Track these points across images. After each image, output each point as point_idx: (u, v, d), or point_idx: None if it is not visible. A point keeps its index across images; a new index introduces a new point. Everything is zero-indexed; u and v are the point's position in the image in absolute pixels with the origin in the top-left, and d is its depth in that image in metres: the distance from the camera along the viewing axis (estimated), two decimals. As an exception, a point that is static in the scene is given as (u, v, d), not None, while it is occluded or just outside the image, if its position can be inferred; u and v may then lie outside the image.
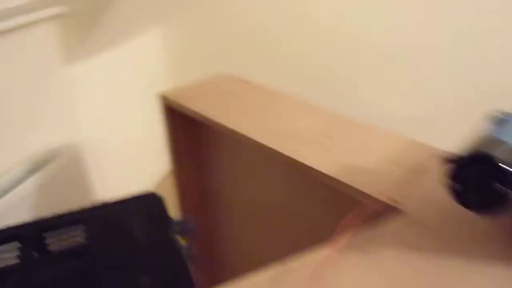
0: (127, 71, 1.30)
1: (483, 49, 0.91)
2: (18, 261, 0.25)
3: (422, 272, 0.39)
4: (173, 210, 0.53)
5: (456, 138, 0.39)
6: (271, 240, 0.80)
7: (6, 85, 0.84)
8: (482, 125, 0.39)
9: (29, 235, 0.27)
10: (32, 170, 0.88)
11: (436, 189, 0.46)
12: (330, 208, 0.61)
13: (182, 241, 0.30)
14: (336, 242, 0.40)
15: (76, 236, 0.25)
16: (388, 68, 1.02)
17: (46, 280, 0.23)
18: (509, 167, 0.34)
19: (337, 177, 0.52)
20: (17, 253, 0.26)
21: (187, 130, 0.84)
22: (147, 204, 0.27)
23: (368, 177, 0.52)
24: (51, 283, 0.23)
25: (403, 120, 0.97)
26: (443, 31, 0.93)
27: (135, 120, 1.34)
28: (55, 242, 0.26)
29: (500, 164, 0.34)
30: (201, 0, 1.29)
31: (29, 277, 0.24)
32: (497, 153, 0.35)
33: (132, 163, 1.34)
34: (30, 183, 0.84)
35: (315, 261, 0.39)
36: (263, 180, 0.77)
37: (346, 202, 0.49)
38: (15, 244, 0.27)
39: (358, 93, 1.09)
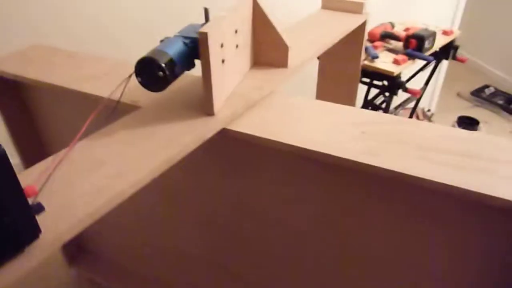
0: None
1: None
2: None
3: (146, 133, 0.68)
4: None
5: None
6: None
7: None
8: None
9: None
10: None
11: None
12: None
13: None
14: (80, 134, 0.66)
15: None
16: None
17: None
18: (161, 63, 0.64)
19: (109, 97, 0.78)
20: None
21: (14, 96, 1.05)
22: None
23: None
24: None
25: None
26: None
27: None
28: None
29: (158, 61, 0.64)
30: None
31: None
32: (156, 55, 0.64)
33: None
34: None
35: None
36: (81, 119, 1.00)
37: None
38: None
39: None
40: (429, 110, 2.58)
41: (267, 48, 0.90)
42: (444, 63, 2.37)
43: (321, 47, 1.06)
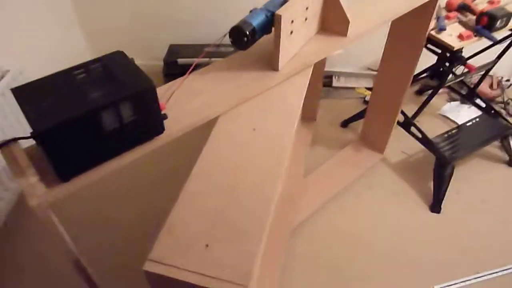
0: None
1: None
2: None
3: (230, 76, 1.00)
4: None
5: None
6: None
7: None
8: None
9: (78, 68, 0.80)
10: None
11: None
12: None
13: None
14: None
15: (97, 67, 0.80)
16: None
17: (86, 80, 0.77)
18: (246, 31, 0.94)
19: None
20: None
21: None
22: (120, 55, 0.82)
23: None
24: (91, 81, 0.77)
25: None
26: None
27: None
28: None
29: (244, 30, 0.94)
30: None
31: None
32: (243, 25, 0.94)
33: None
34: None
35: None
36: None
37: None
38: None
39: None
40: (508, 80, 2.56)
41: (332, 20, 1.14)
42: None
43: (386, 19, 1.25)
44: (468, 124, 2.00)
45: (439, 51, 1.60)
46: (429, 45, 1.62)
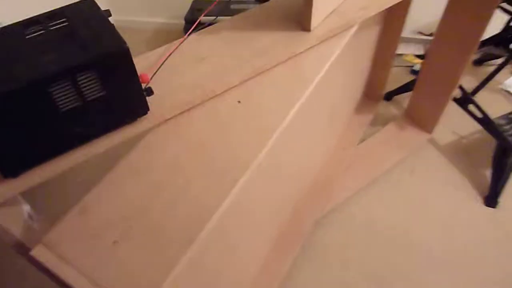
0: None
1: None
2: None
3: (244, 37, 0.76)
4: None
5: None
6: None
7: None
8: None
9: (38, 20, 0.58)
10: None
11: None
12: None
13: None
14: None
15: (57, 22, 0.59)
16: None
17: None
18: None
19: None
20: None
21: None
22: (89, 6, 0.60)
23: None
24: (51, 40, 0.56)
25: None
26: None
27: None
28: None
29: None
30: None
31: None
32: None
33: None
34: None
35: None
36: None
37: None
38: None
39: None
40: None
41: (386, -36, 0.85)
42: None
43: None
44: (539, 102, 1.66)
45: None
46: (503, 4, 1.29)
